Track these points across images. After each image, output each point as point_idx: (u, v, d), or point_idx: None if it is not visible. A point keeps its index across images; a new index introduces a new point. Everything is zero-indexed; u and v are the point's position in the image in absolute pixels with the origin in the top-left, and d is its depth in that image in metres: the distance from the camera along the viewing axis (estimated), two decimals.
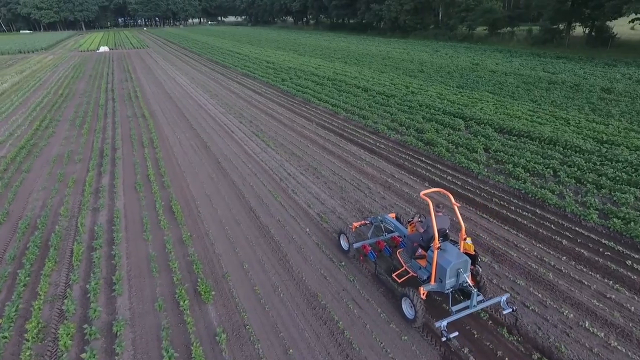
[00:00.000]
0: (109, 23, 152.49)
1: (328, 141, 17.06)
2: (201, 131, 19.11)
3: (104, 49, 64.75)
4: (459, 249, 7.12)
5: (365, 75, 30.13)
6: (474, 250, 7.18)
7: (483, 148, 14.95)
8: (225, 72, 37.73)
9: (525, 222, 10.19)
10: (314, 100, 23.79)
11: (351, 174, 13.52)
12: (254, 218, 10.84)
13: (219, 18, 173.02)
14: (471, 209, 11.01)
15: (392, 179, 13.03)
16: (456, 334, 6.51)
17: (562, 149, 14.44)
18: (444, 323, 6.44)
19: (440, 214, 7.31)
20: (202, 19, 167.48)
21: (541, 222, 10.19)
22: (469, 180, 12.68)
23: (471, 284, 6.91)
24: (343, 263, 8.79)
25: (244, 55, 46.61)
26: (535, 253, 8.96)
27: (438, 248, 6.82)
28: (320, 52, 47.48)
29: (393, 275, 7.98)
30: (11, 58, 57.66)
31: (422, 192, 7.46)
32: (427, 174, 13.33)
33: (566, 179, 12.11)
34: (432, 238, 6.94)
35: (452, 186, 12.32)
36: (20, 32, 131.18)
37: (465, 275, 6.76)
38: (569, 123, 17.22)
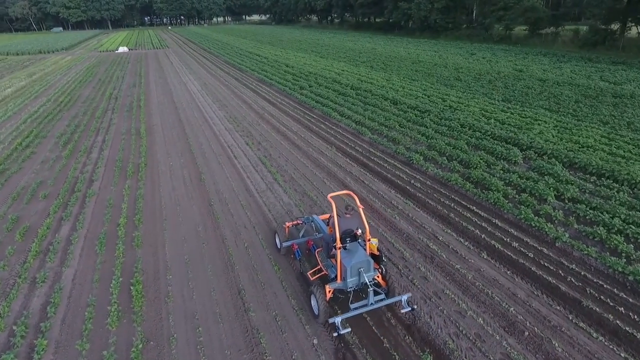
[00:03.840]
0: (135, 22, 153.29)
1: (349, 175, 13.75)
2: (199, 155, 16.12)
3: (123, 49, 63.20)
4: (366, 249, 7.38)
5: (394, 84, 26.54)
6: (378, 250, 7.53)
7: (554, 195, 11.30)
8: (240, 76, 34.85)
9: None
10: (335, 115, 20.48)
11: (379, 232, 10.16)
12: (242, 312, 7.64)
13: (243, 17, 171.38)
14: (557, 307, 7.48)
15: (434, 243, 9.61)
16: (348, 329, 6.85)
17: None
18: (338, 319, 6.76)
19: (348, 215, 7.70)
20: (226, 18, 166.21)
21: None
22: (544, 251, 9.12)
23: (380, 284, 7.47)
24: None
25: (263, 58, 43.66)
26: None
27: (344, 248, 7.22)
28: (344, 54, 44.02)
29: (308, 273, 8.04)
30: (30, 59, 56.69)
31: (329, 195, 7.78)
32: (482, 234, 9.84)
33: None
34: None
35: (522, 260, 8.80)
36: (51, 30, 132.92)
37: (368, 275, 7.02)
38: None
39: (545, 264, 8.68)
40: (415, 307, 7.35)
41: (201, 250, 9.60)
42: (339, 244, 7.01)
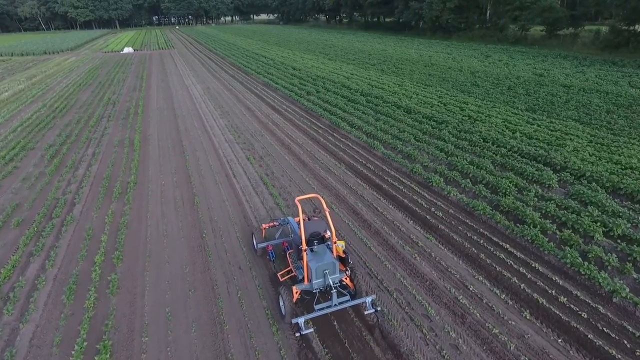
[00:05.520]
0: (143, 21, 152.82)
1: (360, 199, 12.20)
2: (195, 171, 14.68)
3: (128, 50, 62.17)
4: (333, 252, 7.47)
5: (406, 90, 24.87)
6: (344, 252, 7.67)
7: (602, 231, 9.63)
8: (245, 80, 33.43)
9: None
10: (344, 125, 18.91)
11: (397, 278, 8.60)
12: None
13: (251, 16, 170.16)
14: None
15: (464, 295, 8.01)
16: (311, 330, 6.96)
17: None
18: (302, 319, 6.81)
19: (316, 218, 8.27)
20: (234, 17, 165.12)
21: None
22: (600, 309, 7.49)
23: (347, 285, 7.63)
24: None
25: (269, 59, 42.20)
26: None
27: (311, 250, 7.40)
28: (353, 56, 42.36)
29: (278, 274, 8.19)
30: (33, 60, 55.85)
31: (296, 198, 7.76)
32: (521, 284, 8.22)
33: None
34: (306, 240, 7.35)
35: (574, 322, 7.17)
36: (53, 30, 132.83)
37: (333, 277, 7.11)
38: None
39: (605, 329, 7.05)
40: (379, 308, 7.38)
41: (186, 301, 8.11)
42: (304, 246, 7.14)
